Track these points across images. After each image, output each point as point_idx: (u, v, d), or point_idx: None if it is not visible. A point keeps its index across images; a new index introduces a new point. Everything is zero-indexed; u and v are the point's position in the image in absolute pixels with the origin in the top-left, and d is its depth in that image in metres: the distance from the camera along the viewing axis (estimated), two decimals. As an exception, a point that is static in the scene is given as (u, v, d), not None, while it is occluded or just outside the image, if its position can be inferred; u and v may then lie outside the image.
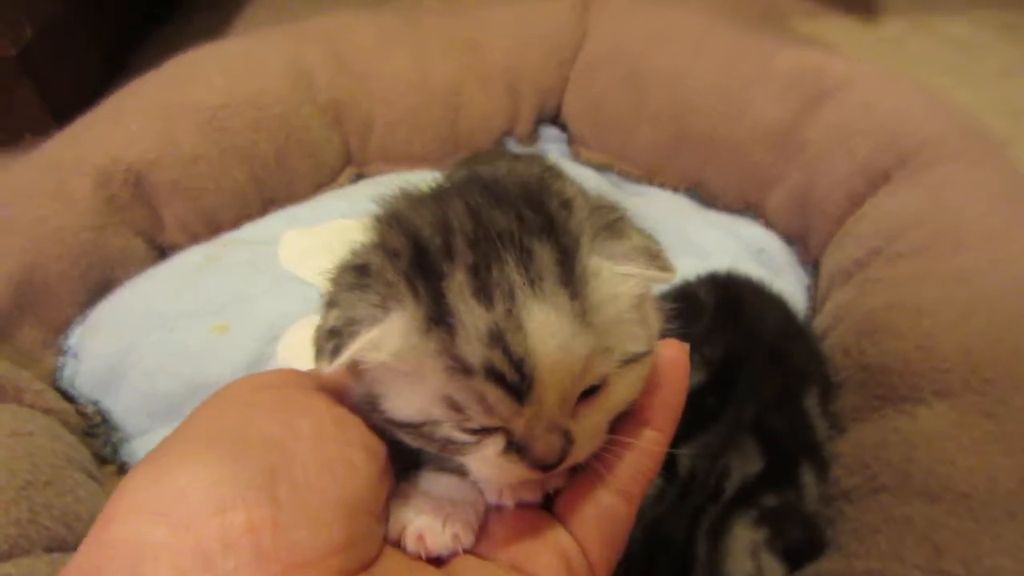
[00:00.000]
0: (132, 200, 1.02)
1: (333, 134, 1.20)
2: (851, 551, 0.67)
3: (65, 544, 0.73)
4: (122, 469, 0.89)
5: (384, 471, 0.42)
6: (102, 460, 0.90)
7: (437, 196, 0.44)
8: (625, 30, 1.31)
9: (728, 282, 0.86)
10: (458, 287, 0.37)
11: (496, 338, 0.36)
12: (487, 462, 0.40)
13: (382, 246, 0.41)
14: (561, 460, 0.40)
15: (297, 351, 0.96)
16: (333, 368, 0.38)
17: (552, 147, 1.36)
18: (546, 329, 0.36)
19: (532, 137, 1.35)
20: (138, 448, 0.91)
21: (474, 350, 0.36)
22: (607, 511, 0.43)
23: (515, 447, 0.39)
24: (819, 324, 0.94)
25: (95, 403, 0.94)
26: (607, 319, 0.38)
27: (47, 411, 0.87)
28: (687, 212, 1.23)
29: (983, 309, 0.76)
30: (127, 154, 1.02)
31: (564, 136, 1.37)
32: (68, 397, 0.94)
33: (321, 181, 1.21)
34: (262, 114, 1.11)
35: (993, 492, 0.63)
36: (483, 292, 0.36)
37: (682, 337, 0.79)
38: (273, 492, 0.36)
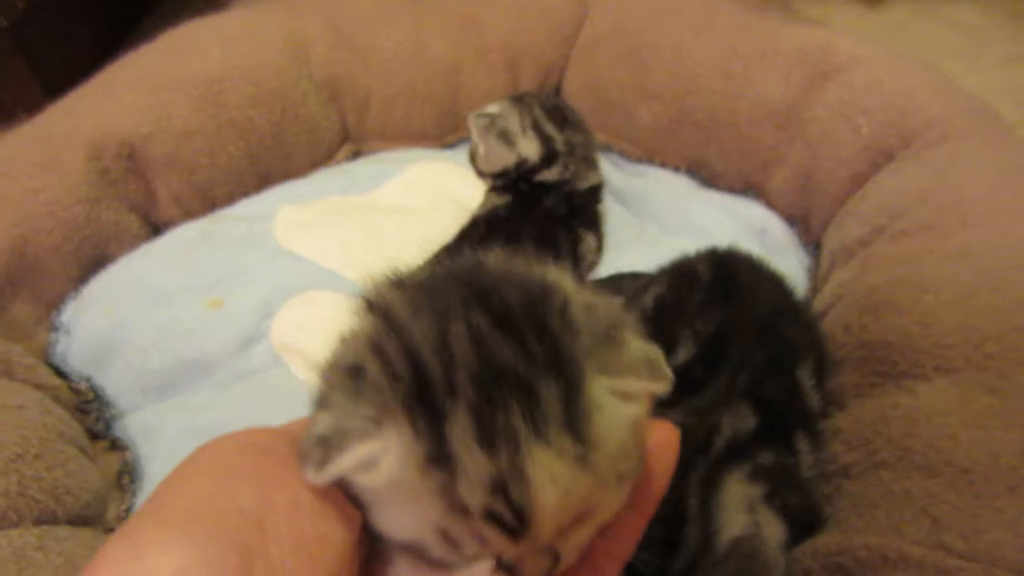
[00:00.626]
0: (125, 174, 1.01)
1: (330, 110, 1.19)
2: (849, 526, 0.66)
3: (55, 517, 0.73)
4: (114, 445, 0.88)
5: (359, 540, 0.41)
6: (94, 436, 0.89)
7: (433, 299, 0.40)
8: (627, 7, 1.29)
9: (726, 258, 0.85)
10: (461, 431, 0.35)
11: (498, 487, 0.35)
12: None
13: (379, 354, 0.38)
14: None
15: (291, 328, 0.95)
16: (321, 479, 0.37)
17: (552, 127, 1.35)
18: (549, 477, 0.36)
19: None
20: (130, 424, 0.91)
21: (475, 496, 0.35)
22: None
23: (504, 567, 0.39)
24: (820, 302, 0.93)
25: (87, 379, 0.93)
26: (607, 454, 0.38)
27: (39, 386, 0.87)
28: (688, 192, 1.22)
29: (987, 286, 0.75)
30: (120, 127, 1.00)
31: (564, 116, 1.36)
32: (60, 373, 0.93)
33: (318, 158, 1.19)
34: (259, 89, 1.10)
35: (994, 467, 0.62)
36: (486, 439, 0.35)
37: (676, 310, 0.79)
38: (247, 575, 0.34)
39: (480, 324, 0.38)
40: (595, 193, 1.13)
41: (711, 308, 0.76)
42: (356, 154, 1.24)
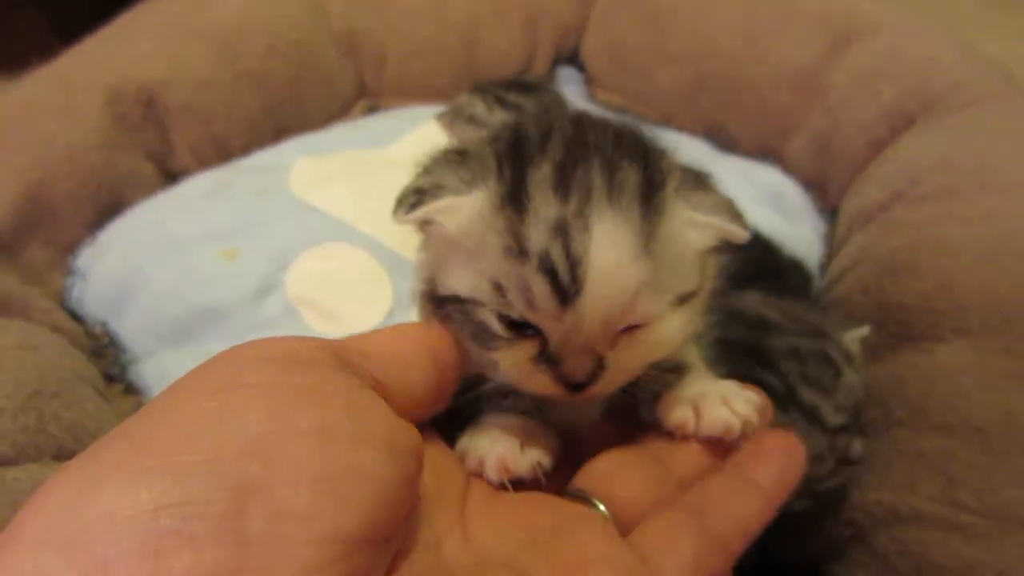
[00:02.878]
0: (142, 121, 1.01)
1: (347, 64, 1.18)
2: (863, 483, 0.67)
3: (73, 454, 0.73)
4: (129, 388, 0.89)
5: (412, 475, 0.33)
6: (110, 379, 0.89)
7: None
8: (648, -32, 1.28)
9: None
10: (541, 175, 0.37)
11: (560, 230, 0.36)
12: (517, 363, 0.40)
13: (490, 136, 0.43)
14: (590, 383, 0.39)
15: (306, 279, 0.95)
16: (408, 219, 0.40)
17: (569, 88, 1.34)
18: (610, 238, 0.36)
19: (549, 77, 1.32)
20: (146, 370, 0.91)
21: (537, 236, 0.36)
22: (703, 563, 0.38)
23: (546, 357, 0.39)
24: (836, 266, 0.93)
25: (103, 324, 0.93)
26: (670, 256, 0.39)
27: (55, 329, 0.87)
28: (704, 157, 1.21)
29: (1007, 249, 0.75)
30: (138, 73, 0.99)
31: (581, 77, 1.35)
32: (76, 318, 0.93)
33: (334, 112, 1.19)
34: (276, 40, 1.09)
35: (1010, 427, 0.62)
36: (562, 186, 0.37)
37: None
38: (239, 523, 0.27)
39: (585, 119, 0.42)
40: None
41: None
42: (372, 110, 1.24)
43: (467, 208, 0.39)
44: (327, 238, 0.98)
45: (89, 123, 0.96)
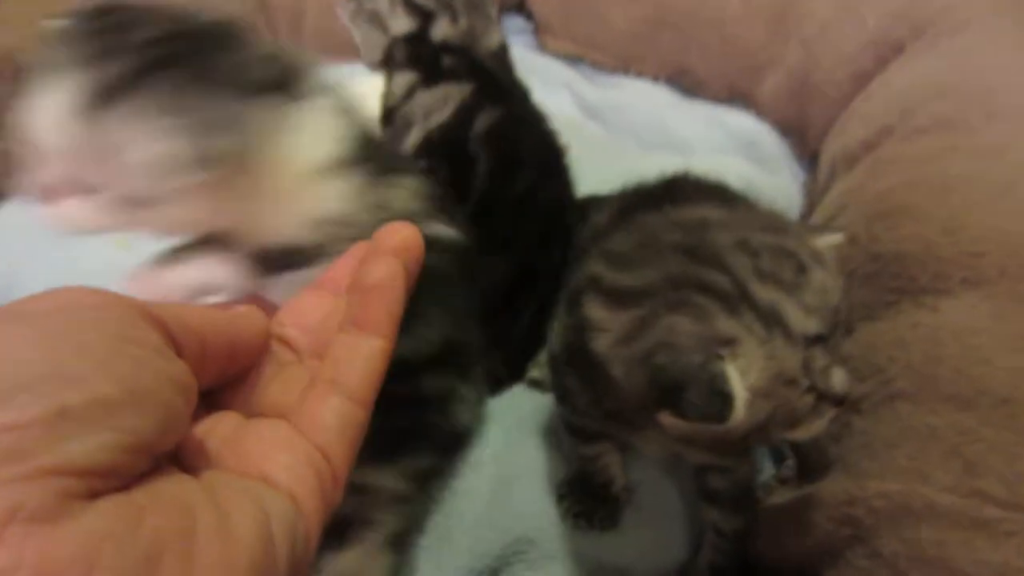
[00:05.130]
0: (15, 95, 0.87)
1: (258, 20, 1.04)
2: (862, 470, 0.55)
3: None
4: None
5: (177, 411, 0.33)
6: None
7: None
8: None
9: (675, 177, 0.74)
10: None
11: None
12: None
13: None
14: None
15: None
16: None
17: (517, 38, 1.20)
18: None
19: (493, 26, 1.19)
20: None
21: None
22: (347, 419, 0.41)
23: None
24: (819, 216, 0.81)
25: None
26: None
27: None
28: (667, 103, 1.09)
29: (1022, 183, 0.63)
30: (5, 40, 0.86)
31: (530, 26, 1.22)
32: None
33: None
34: (169, -6, 0.95)
35: (1040, 396, 0.50)
36: None
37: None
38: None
39: None
40: (506, 56, 0.95)
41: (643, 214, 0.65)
42: (292, 72, 1.10)
43: None
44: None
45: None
